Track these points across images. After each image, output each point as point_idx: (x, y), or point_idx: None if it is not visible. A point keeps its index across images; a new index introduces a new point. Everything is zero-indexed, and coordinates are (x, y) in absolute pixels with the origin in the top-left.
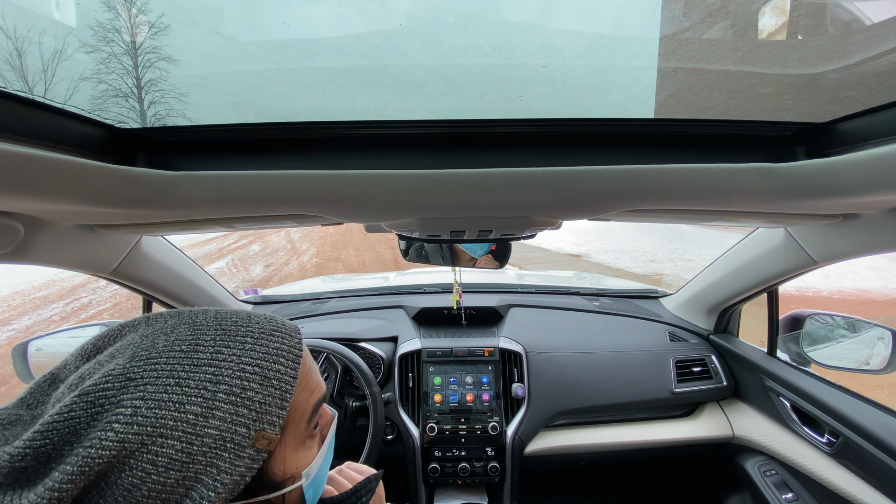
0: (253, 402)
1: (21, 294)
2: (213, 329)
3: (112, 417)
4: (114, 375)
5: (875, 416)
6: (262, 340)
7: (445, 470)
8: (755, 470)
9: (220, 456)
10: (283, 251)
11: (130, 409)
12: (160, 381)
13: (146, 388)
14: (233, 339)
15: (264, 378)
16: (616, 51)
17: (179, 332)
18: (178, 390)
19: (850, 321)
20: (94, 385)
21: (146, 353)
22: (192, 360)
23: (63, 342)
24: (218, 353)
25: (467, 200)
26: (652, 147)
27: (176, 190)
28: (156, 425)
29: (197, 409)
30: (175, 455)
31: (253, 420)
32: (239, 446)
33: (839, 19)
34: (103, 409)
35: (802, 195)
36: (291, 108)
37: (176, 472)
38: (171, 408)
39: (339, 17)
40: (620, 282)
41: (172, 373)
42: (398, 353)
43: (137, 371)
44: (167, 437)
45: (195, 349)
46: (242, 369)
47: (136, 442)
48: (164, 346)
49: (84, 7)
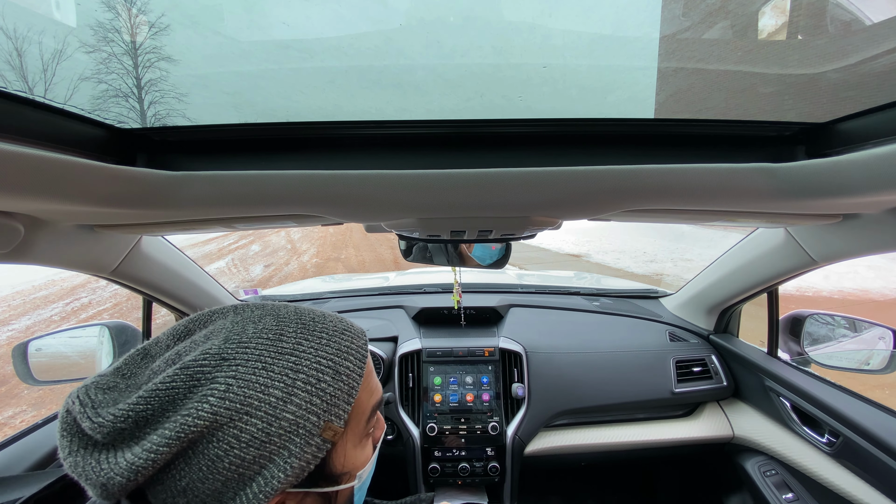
0: (325, 394)
1: (21, 294)
2: (294, 322)
3: (207, 391)
4: (211, 354)
5: (875, 416)
6: (336, 338)
7: (445, 470)
8: (755, 470)
9: (293, 440)
10: (283, 251)
11: (224, 385)
12: (250, 363)
13: (237, 369)
14: (311, 333)
15: (336, 373)
16: (616, 51)
17: (266, 322)
18: (264, 374)
19: (850, 321)
20: (194, 360)
21: (238, 336)
22: (277, 348)
23: (63, 342)
24: (299, 345)
25: (467, 200)
26: (652, 147)
27: (176, 190)
28: (244, 403)
29: (279, 394)
30: (256, 433)
31: (324, 410)
32: (309, 433)
33: (839, 19)
34: (199, 384)
35: (802, 195)
36: (291, 108)
37: (255, 449)
38: (257, 388)
39: (339, 17)
40: (620, 282)
41: (260, 357)
42: (398, 353)
43: (231, 352)
44: (252, 415)
45: (280, 338)
46: (319, 362)
47: (226, 416)
48: (254, 332)
49: (84, 7)
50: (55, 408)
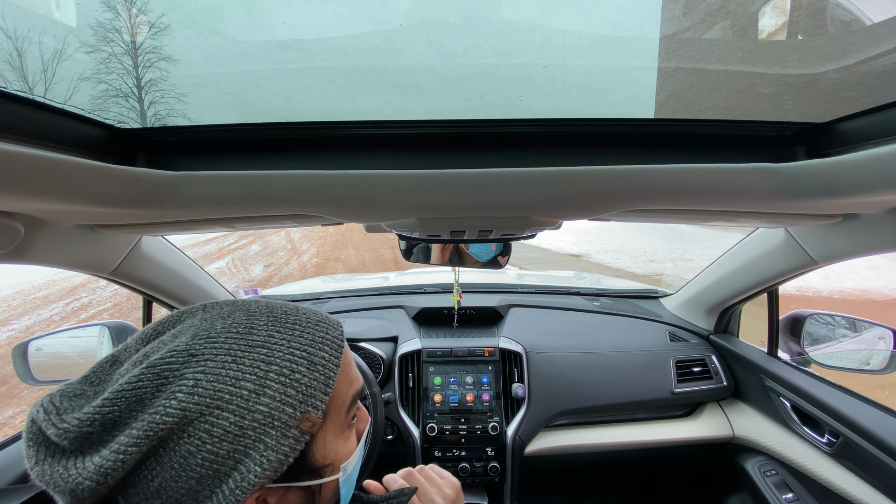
0: (300, 385)
1: (21, 294)
2: (265, 315)
3: (175, 388)
4: (178, 351)
5: (875, 416)
6: (310, 329)
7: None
8: (755, 470)
9: (268, 433)
10: (283, 251)
11: (192, 380)
12: (219, 357)
13: (206, 364)
14: (283, 325)
15: (311, 363)
16: (616, 51)
17: (236, 317)
18: (234, 367)
19: (850, 321)
20: (160, 359)
21: (206, 332)
22: (248, 341)
23: (63, 342)
24: (270, 337)
25: (467, 200)
26: (652, 147)
27: (176, 190)
28: (214, 397)
29: (250, 386)
30: (228, 427)
31: (299, 402)
32: (285, 425)
33: (839, 19)
34: (167, 381)
35: (802, 195)
36: (291, 108)
37: (228, 443)
38: (227, 382)
39: (339, 17)
40: (620, 282)
41: (230, 351)
42: (398, 353)
43: (199, 348)
44: (223, 409)
45: (250, 332)
46: (292, 353)
47: (195, 411)
48: (223, 327)
49: (84, 7)
50: None
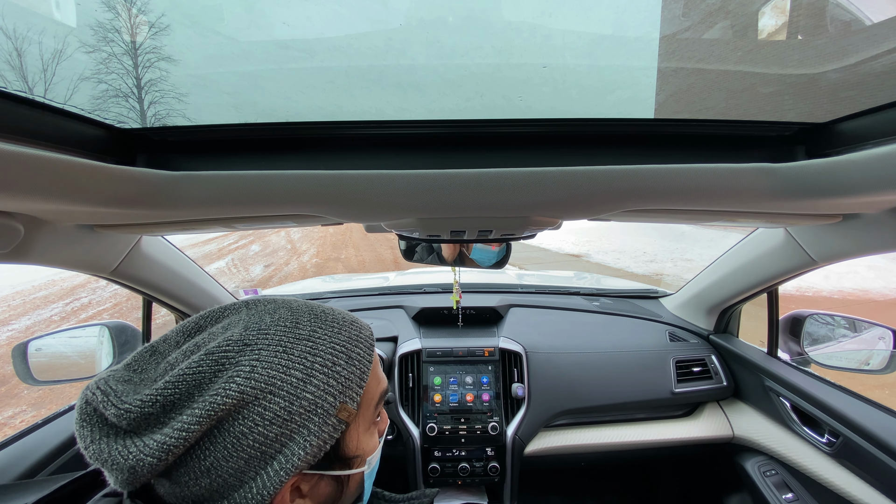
0: (340, 377)
1: (21, 294)
2: (307, 313)
3: (233, 373)
4: (233, 341)
5: (875, 416)
6: (346, 327)
7: (445, 470)
8: (755, 470)
9: (312, 419)
10: (283, 251)
11: (248, 367)
12: (271, 347)
13: (260, 352)
14: (324, 322)
15: (349, 358)
16: (616, 51)
17: (281, 313)
18: (284, 356)
19: (850, 321)
20: (217, 347)
21: (257, 325)
22: (295, 334)
23: (63, 342)
24: (314, 332)
25: (467, 200)
26: (652, 147)
27: (176, 190)
28: (268, 382)
29: (299, 374)
30: (279, 411)
31: (339, 392)
32: (326, 413)
33: (839, 19)
34: (223, 368)
35: (802, 195)
36: (292, 108)
37: (277, 426)
38: (279, 369)
39: (339, 17)
40: (620, 282)
41: (280, 342)
42: (398, 353)
43: (252, 338)
44: (275, 394)
45: (296, 326)
46: (333, 347)
47: (251, 395)
48: (271, 321)
49: (84, 7)
50: (55, 408)
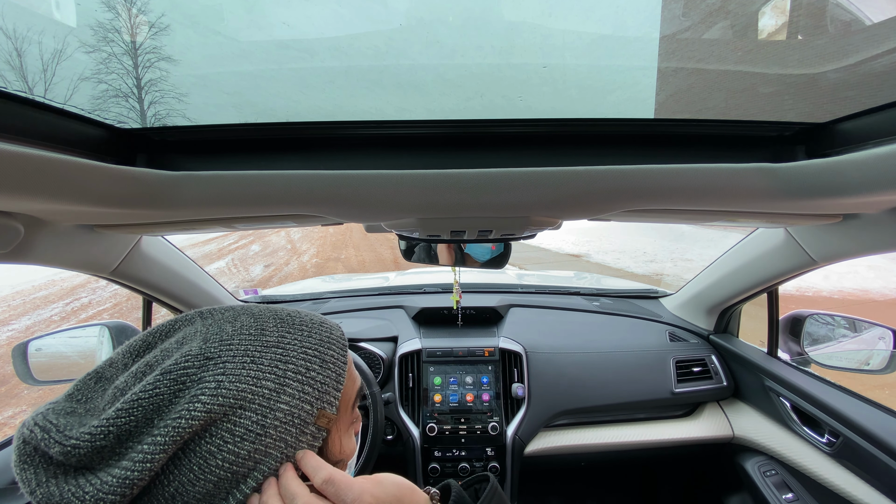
0: (315, 382)
1: (21, 294)
2: (272, 318)
3: (197, 391)
4: (192, 356)
5: (875, 416)
6: (316, 329)
7: (445, 470)
8: (755, 470)
9: (289, 431)
10: (283, 251)
11: (214, 382)
12: (237, 359)
13: (225, 365)
14: (292, 326)
15: (323, 361)
16: (616, 51)
17: (243, 321)
18: (253, 367)
19: (850, 321)
20: (175, 364)
21: (217, 336)
22: (262, 342)
23: (63, 342)
24: (283, 338)
25: (467, 200)
26: (652, 147)
27: (176, 190)
28: (237, 397)
29: (271, 385)
30: (251, 426)
31: (316, 398)
32: (304, 422)
33: (839, 19)
34: (184, 386)
35: (802, 195)
36: (291, 108)
37: (249, 443)
38: (249, 382)
39: (339, 17)
40: (620, 282)
41: (247, 352)
42: (398, 353)
43: (214, 351)
44: (246, 408)
45: (262, 333)
46: (305, 352)
47: (219, 412)
48: (233, 331)
49: (84, 7)
50: None
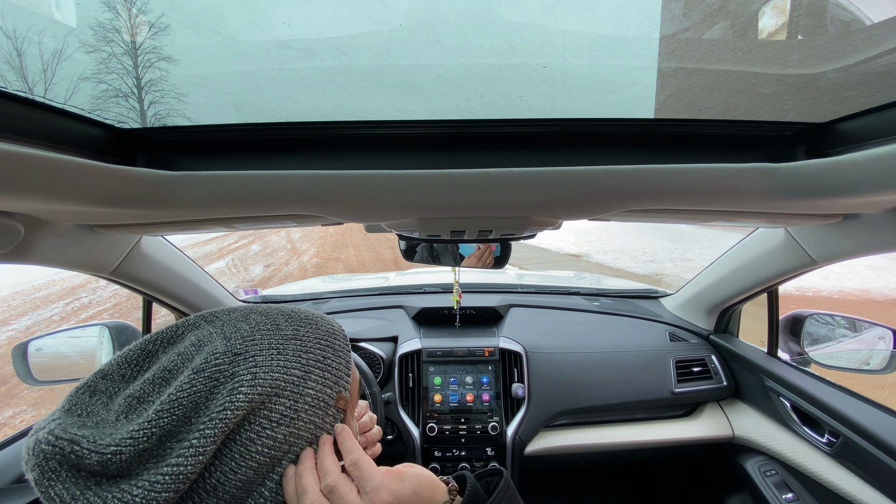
0: (332, 369)
1: (21, 294)
2: (280, 314)
3: (235, 384)
4: (221, 353)
5: (875, 416)
6: (320, 323)
7: (445, 470)
8: (755, 470)
9: (317, 413)
10: (283, 251)
11: (249, 374)
12: (264, 352)
13: (255, 359)
14: (301, 320)
15: (334, 350)
16: (616, 51)
17: (254, 318)
18: (280, 358)
19: (850, 321)
20: (206, 363)
21: (238, 334)
22: (281, 335)
23: (63, 342)
24: (297, 330)
25: (467, 200)
26: (652, 147)
27: (176, 190)
28: (273, 386)
29: (298, 373)
30: (285, 411)
31: (334, 383)
32: (327, 405)
33: (839, 19)
34: (219, 382)
35: (802, 195)
36: (291, 108)
37: (285, 427)
38: (279, 371)
39: (339, 17)
40: (620, 282)
41: (271, 345)
42: (398, 353)
43: (241, 347)
44: (280, 395)
45: (278, 328)
46: (318, 341)
47: (258, 401)
48: (250, 328)
49: (84, 7)
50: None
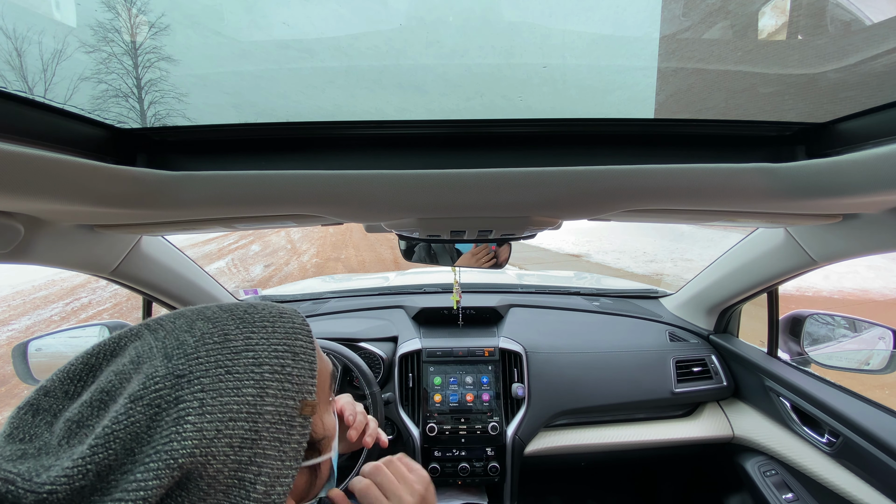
0: (292, 377)
1: (21, 294)
2: (231, 320)
3: (179, 412)
4: (161, 376)
5: (875, 416)
6: (278, 323)
7: (445, 470)
8: (755, 470)
9: (279, 429)
10: (283, 251)
11: (196, 402)
12: (210, 372)
13: (201, 381)
14: (254, 325)
15: (294, 354)
16: (616, 51)
17: (201, 327)
18: (230, 378)
19: (850, 321)
20: (144, 389)
21: (181, 350)
22: (230, 349)
23: (63, 342)
24: (248, 339)
25: (467, 200)
26: (652, 147)
27: (176, 190)
28: (224, 411)
29: (252, 391)
30: (245, 434)
31: (296, 392)
32: (291, 417)
33: (839, 19)
34: (161, 410)
35: (802, 195)
36: (291, 108)
37: (248, 449)
38: (230, 394)
39: (339, 17)
40: (620, 282)
41: (218, 363)
42: (398, 353)
43: (183, 367)
44: (235, 419)
45: (226, 339)
46: (275, 349)
47: (212, 430)
48: (195, 342)
49: (84, 7)
50: None
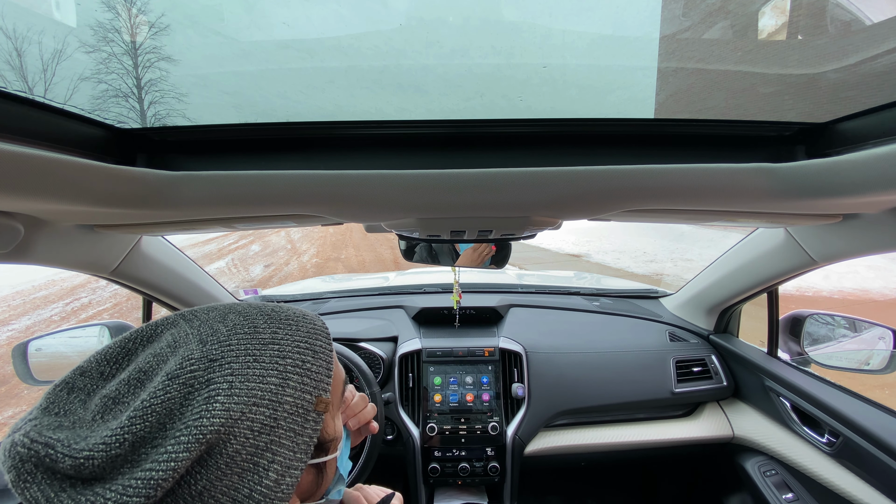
0: (311, 373)
1: (21, 294)
2: (260, 315)
3: (210, 392)
4: (196, 359)
5: (875, 416)
6: (301, 322)
7: (445, 470)
8: (755, 470)
9: (295, 420)
10: (283, 251)
11: (226, 383)
12: (240, 358)
13: (231, 366)
14: (280, 321)
15: (314, 352)
16: (616, 51)
17: (232, 319)
18: (257, 365)
19: (850, 321)
20: (180, 368)
21: (214, 337)
22: (259, 340)
23: (63, 342)
24: (275, 333)
25: (467, 200)
26: (652, 147)
27: (176, 190)
28: (249, 395)
29: (275, 381)
30: (265, 420)
31: (313, 387)
32: (306, 410)
33: (839, 19)
34: (194, 389)
35: (802, 195)
36: (291, 108)
37: (266, 435)
38: (256, 380)
39: (339, 17)
40: (620, 282)
41: (247, 351)
42: (398, 353)
43: (216, 353)
44: (258, 404)
45: (256, 331)
46: (297, 345)
47: (237, 411)
48: (227, 331)
49: (84, 7)
50: None
